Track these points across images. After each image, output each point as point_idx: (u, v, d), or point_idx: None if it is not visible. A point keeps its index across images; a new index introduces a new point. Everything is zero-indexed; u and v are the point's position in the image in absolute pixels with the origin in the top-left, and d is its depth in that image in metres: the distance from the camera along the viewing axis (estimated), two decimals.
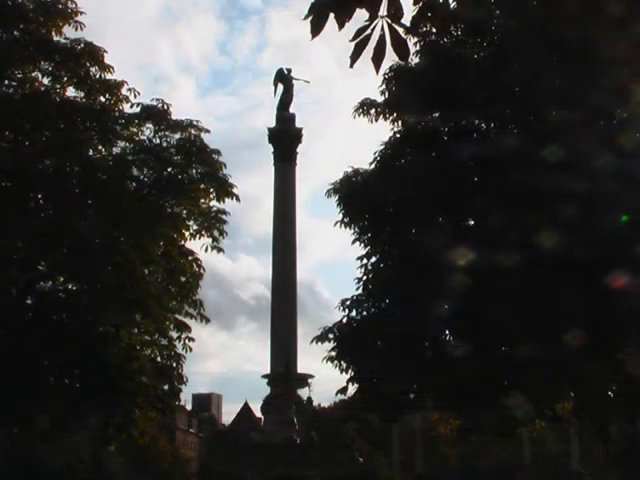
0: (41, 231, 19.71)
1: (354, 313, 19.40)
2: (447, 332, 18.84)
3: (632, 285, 15.16)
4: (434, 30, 16.80)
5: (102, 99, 20.66)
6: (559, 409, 19.40)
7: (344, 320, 19.37)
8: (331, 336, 19.14)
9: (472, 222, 19.22)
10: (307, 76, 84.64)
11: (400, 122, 19.87)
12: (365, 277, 19.45)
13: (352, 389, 19.29)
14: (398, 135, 19.90)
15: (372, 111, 19.95)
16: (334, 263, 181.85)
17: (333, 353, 19.10)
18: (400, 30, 4.98)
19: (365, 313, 19.44)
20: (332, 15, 4.91)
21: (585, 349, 15.56)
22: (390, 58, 5.56)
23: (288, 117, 34.32)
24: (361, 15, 4.93)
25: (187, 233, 21.69)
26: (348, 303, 19.36)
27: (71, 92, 20.75)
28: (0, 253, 19.86)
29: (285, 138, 33.49)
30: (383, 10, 4.90)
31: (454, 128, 18.93)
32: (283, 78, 35.07)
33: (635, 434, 19.90)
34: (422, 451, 44.58)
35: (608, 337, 16.26)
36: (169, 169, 21.28)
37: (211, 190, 21.42)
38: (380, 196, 18.93)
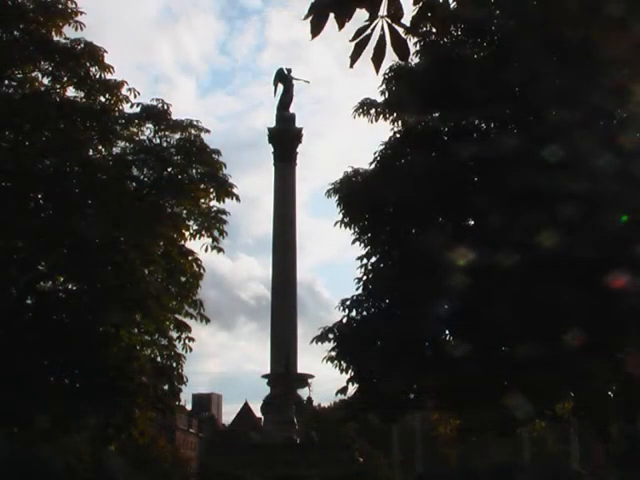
0: (41, 231, 19.70)
1: (354, 313, 19.42)
2: (447, 332, 18.85)
3: (632, 285, 15.17)
4: (434, 30, 16.80)
5: (102, 99, 20.64)
6: (559, 409, 19.40)
7: (344, 320, 19.38)
8: (331, 336, 19.15)
9: (472, 222, 19.23)
10: (307, 76, 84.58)
11: (400, 122, 19.89)
12: (365, 277, 19.46)
13: (352, 389, 19.32)
14: (398, 135, 19.92)
15: (372, 111, 19.96)
16: (334, 263, 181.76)
17: (333, 353, 19.12)
18: (400, 30, 4.98)
19: (365, 313, 19.45)
20: (332, 15, 4.91)
21: (585, 349, 15.56)
22: (390, 58, 5.56)
23: (288, 117, 34.29)
24: (361, 15, 4.93)
25: (187, 233, 21.67)
26: (348, 303, 19.38)
27: (71, 92, 20.75)
28: (0, 253, 19.86)
29: (285, 138, 33.45)
30: (383, 10, 4.90)
31: (454, 128, 18.94)
32: (283, 78, 35.04)
33: (635, 434, 19.91)
34: (422, 451, 44.61)
35: (608, 337, 16.26)
36: (169, 169, 21.26)
37: (211, 190, 21.39)
38: (380, 196, 18.94)
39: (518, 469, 36.08)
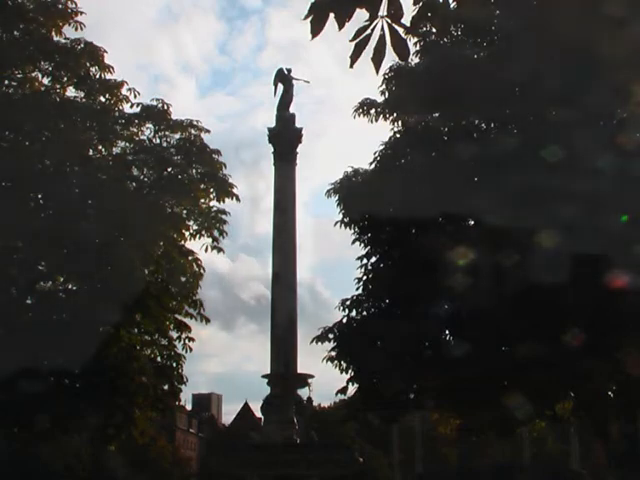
0: (41, 231, 19.68)
1: (354, 313, 19.43)
2: (447, 332, 18.85)
3: (632, 285, 15.16)
4: (434, 30, 16.82)
5: (102, 99, 20.62)
6: (559, 409, 19.41)
7: (344, 320, 19.39)
8: (331, 336, 19.18)
9: (472, 222, 19.22)
10: (307, 76, 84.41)
11: (400, 122, 19.89)
12: (365, 277, 19.47)
13: (352, 389, 19.35)
14: (398, 135, 19.91)
15: (372, 111, 19.97)
16: (334, 263, 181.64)
17: (333, 353, 19.14)
18: (400, 30, 4.98)
19: (365, 313, 19.46)
20: (332, 15, 4.91)
21: (585, 349, 15.56)
22: (390, 58, 5.58)
23: (288, 117, 34.19)
24: (361, 15, 4.94)
25: (187, 233, 21.66)
26: (348, 303, 19.40)
27: (71, 92, 20.72)
28: (0, 253, 19.85)
29: (285, 138, 33.35)
30: (383, 10, 4.90)
31: (454, 128, 18.93)
32: (283, 78, 34.96)
33: (635, 434, 19.89)
34: (422, 451, 44.58)
35: (608, 337, 16.26)
36: (169, 169, 21.23)
37: (211, 190, 21.39)
38: (380, 196, 18.93)
39: (518, 469, 36.11)
